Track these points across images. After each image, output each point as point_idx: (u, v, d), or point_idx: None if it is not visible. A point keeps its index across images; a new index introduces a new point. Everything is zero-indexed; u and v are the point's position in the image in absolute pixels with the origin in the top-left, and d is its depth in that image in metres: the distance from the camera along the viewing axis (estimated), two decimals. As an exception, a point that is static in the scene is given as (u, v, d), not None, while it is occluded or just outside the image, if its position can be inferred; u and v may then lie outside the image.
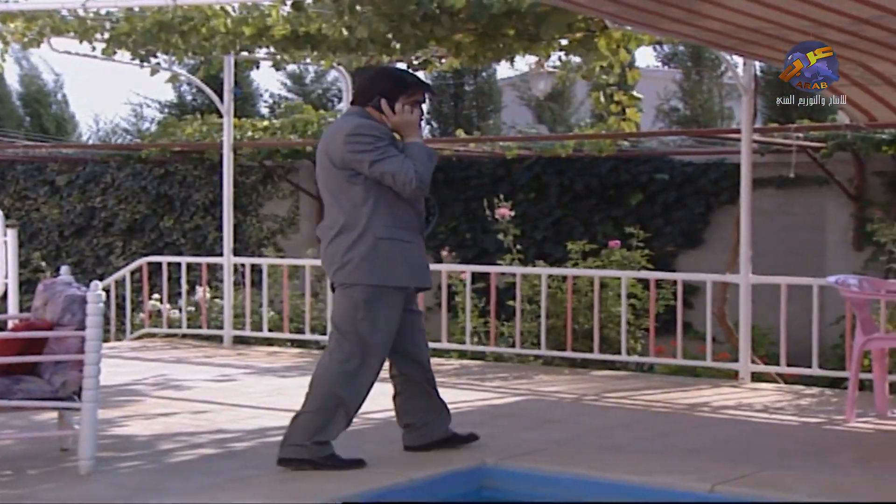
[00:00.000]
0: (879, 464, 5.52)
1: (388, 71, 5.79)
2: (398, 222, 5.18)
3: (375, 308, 5.14)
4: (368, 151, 5.08)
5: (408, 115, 5.21)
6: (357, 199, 5.14)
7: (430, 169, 5.17)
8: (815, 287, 8.04)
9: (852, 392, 6.65)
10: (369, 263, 5.13)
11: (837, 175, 11.17)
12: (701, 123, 16.07)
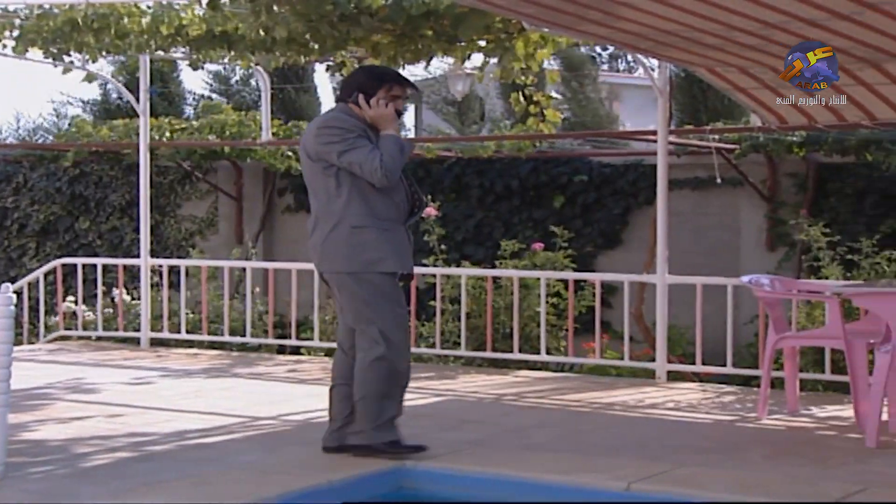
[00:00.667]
0: (790, 459, 5.62)
1: (367, 68, 5.96)
2: (373, 212, 5.30)
3: (371, 292, 5.28)
4: (336, 143, 5.25)
5: (382, 108, 5.34)
6: (332, 191, 5.31)
7: (399, 160, 5.28)
8: (730, 287, 8.17)
9: (764, 390, 6.76)
10: (350, 251, 5.28)
11: (751, 176, 11.36)
12: (589, 126, 16.25)
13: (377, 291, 5.29)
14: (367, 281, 5.28)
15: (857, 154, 10.43)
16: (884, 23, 5.71)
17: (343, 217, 5.29)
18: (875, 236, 9.66)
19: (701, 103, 14.76)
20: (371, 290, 5.28)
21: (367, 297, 5.29)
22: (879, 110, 7.51)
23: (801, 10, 5.55)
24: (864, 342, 6.42)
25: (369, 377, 5.31)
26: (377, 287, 5.29)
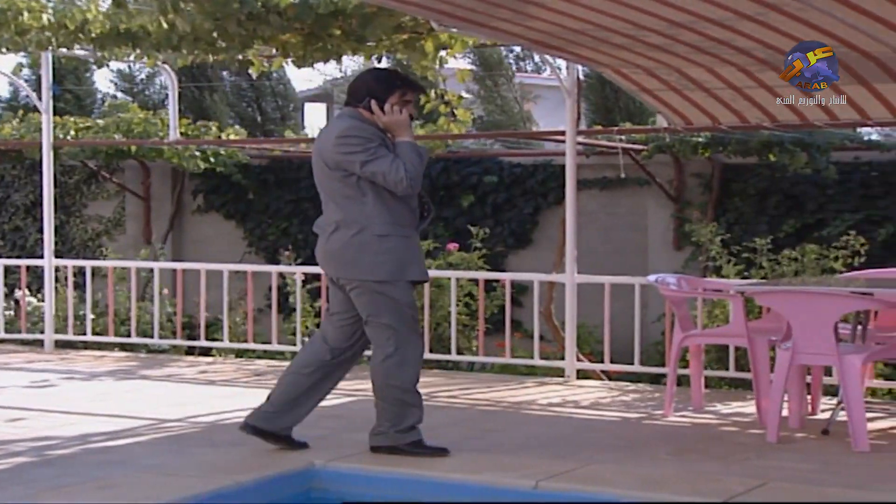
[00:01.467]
0: (694, 456, 5.72)
1: (377, 71, 5.74)
2: (394, 219, 5.30)
3: (390, 300, 5.31)
4: (359, 153, 5.21)
5: (397, 115, 5.30)
6: (354, 197, 5.29)
7: (420, 167, 5.28)
8: (637, 286, 8.27)
9: (670, 387, 6.86)
10: (376, 259, 5.28)
11: (658, 176, 11.52)
12: (501, 127, 16.34)
13: (400, 298, 5.32)
14: (393, 289, 5.30)
15: (760, 155, 10.65)
16: (786, 24, 5.83)
17: (367, 224, 5.28)
18: (777, 235, 9.87)
19: (613, 104, 14.93)
20: (395, 298, 5.31)
21: (390, 304, 5.31)
22: (780, 112, 7.67)
23: (707, 10, 5.64)
24: (766, 340, 6.56)
25: (391, 381, 5.38)
26: (402, 294, 5.33)
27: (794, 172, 10.67)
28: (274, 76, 18.25)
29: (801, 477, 5.21)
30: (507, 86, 17.41)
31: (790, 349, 6.01)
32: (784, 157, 10.39)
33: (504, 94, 17.28)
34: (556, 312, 9.17)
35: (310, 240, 13.30)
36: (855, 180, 10.91)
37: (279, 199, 13.56)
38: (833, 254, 8.74)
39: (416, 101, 5.53)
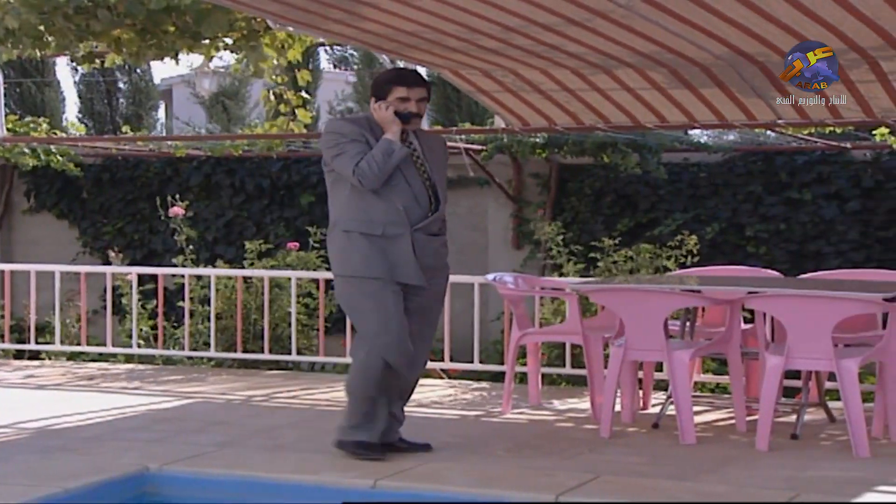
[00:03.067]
0: (530, 452, 5.80)
1: (384, 71, 5.77)
2: (366, 215, 5.31)
3: (357, 299, 5.35)
4: (331, 148, 5.35)
5: (382, 111, 5.36)
6: (334, 194, 5.43)
7: (382, 164, 5.25)
8: (476, 285, 8.35)
9: (508, 385, 6.95)
10: (340, 256, 5.38)
11: (497, 176, 11.67)
12: None
13: (363, 297, 5.32)
14: (353, 286, 5.35)
15: (595, 156, 10.89)
16: (614, 30, 5.98)
17: (338, 220, 5.39)
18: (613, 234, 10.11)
19: (455, 104, 15.06)
20: (356, 296, 5.34)
21: (351, 302, 5.39)
22: (613, 114, 7.86)
23: (539, 15, 5.74)
24: (601, 337, 6.70)
25: (354, 377, 5.44)
26: (362, 293, 5.31)
27: (627, 173, 10.96)
28: (137, 72, 17.83)
29: (631, 470, 5.33)
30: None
31: (623, 346, 6.15)
32: (617, 158, 10.66)
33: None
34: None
35: (145, 239, 13.11)
36: (684, 181, 11.27)
37: (114, 198, 13.26)
38: (666, 252, 9.00)
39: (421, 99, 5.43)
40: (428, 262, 5.46)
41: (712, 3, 5.42)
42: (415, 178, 5.41)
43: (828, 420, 6.51)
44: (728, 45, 6.18)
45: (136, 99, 18.34)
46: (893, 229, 10.37)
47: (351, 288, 5.38)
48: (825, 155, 10.84)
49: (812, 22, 5.68)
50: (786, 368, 5.83)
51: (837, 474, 5.26)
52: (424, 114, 5.60)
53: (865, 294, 5.92)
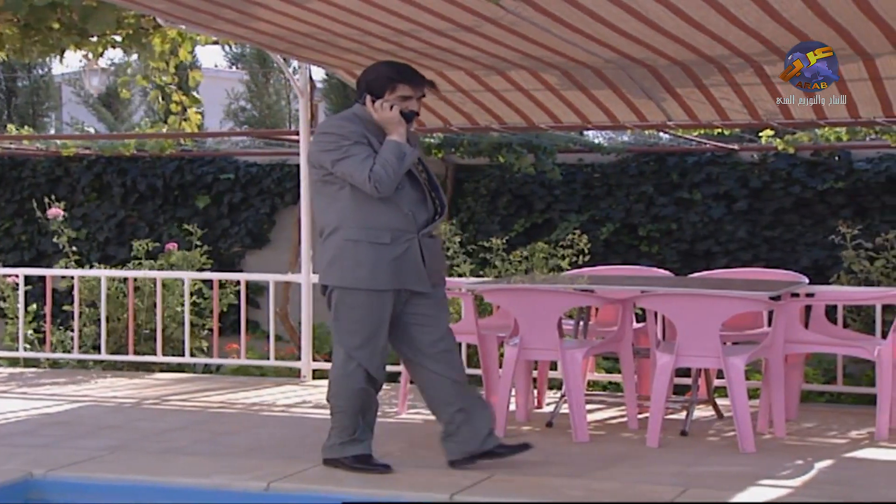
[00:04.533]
0: (425, 451, 5.79)
1: (377, 66, 5.32)
2: (373, 223, 5.03)
3: (347, 311, 5.07)
4: (332, 151, 5.00)
5: (386, 112, 5.04)
6: (330, 199, 5.07)
7: (396, 168, 4.97)
8: (373, 285, 8.32)
9: (404, 385, 6.95)
10: (337, 265, 5.06)
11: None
12: (269, 124, 16.24)
13: (354, 310, 5.06)
14: (345, 297, 5.06)
15: (491, 156, 10.96)
16: (503, 35, 6.02)
17: (338, 227, 5.06)
18: (509, 234, 10.18)
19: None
20: (346, 308, 5.07)
21: (341, 313, 5.09)
22: (507, 115, 7.91)
23: (428, 20, 5.76)
24: (495, 336, 6.74)
25: (337, 392, 5.18)
26: (362, 304, 5.05)
27: (523, 173, 11.05)
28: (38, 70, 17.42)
29: (525, 469, 5.34)
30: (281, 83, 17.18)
31: (517, 345, 6.20)
32: (512, 158, 10.74)
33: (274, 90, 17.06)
34: (292, 313, 9.13)
35: (34, 240, 12.81)
36: (579, 181, 11.40)
37: (1, 198, 12.95)
38: (560, 252, 9.09)
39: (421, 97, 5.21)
40: (434, 267, 5.24)
41: (598, 11, 5.50)
42: (416, 181, 5.15)
43: (716, 416, 6.64)
44: (616, 50, 6.28)
45: (36, 97, 17.91)
46: (779, 229, 10.63)
47: (351, 299, 5.07)
48: (714, 156, 11.06)
49: (698, 31, 5.81)
50: (676, 366, 5.94)
51: (724, 469, 5.38)
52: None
53: (752, 293, 6.06)
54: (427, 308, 5.21)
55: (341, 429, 5.22)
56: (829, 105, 7.04)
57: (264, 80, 16.92)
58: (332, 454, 5.26)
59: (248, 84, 17.37)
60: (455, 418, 5.26)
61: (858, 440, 6.08)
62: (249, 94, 17.29)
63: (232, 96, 17.37)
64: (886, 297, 6.76)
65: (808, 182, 10.53)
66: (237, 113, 17.47)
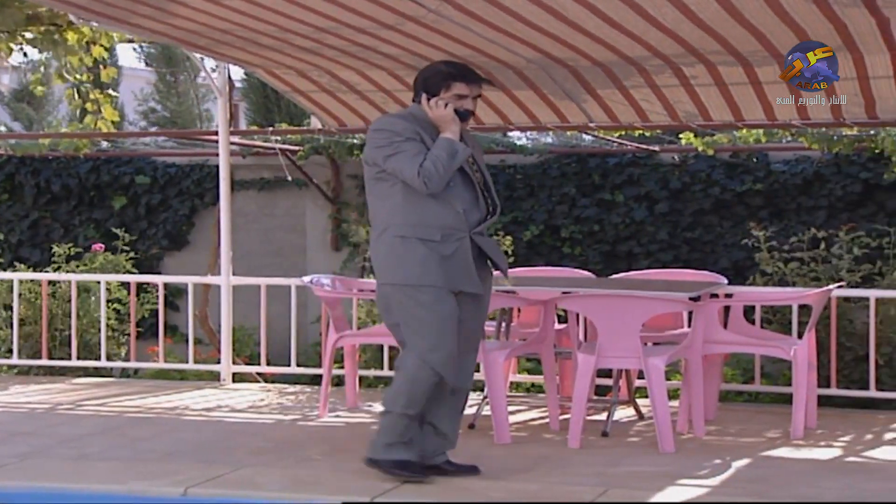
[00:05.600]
0: (346, 455, 5.74)
1: (434, 65, 5.24)
2: (423, 220, 4.95)
3: (411, 309, 4.95)
4: (384, 147, 4.96)
5: (440, 109, 4.99)
6: (382, 197, 5.02)
7: (447, 165, 4.90)
8: (293, 287, 8.25)
9: (325, 388, 6.90)
10: (394, 263, 4.98)
11: (315, 178, 11.59)
12: (179, 125, 16.03)
13: (417, 307, 4.93)
14: (405, 295, 4.95)
15: (414, 157, 10.92)
16: (424, 34, 6.00)
17: (389, 225, 5.00)
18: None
19: (274, 104, 14.89)
20: (407, 307, 4.95)
21: (404, 311, 4.97)
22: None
23: (349, 17, 5.71)
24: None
25: (399, 392, 5.00)
26: (417, 303, 4.93)
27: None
28: None
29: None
30: (190, 83, 16.97)
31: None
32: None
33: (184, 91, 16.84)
34: (212, 315, 9.02)
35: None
36: (501, 182, 11.41)
37: None
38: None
39: (477, 96, 5.10)
40: (484, 268, 5.14)
41: (520, 11, 5.50)
42: (468, 180, 5.06)
43: (637, 417, 6.68)
44: (538, 49, 6.29)
45: None
46: (699, 230, 10.75)
47: (404, 297, 4.96)
48: (636, 157, 11.15)
49: (618, 32, 5.84)
50: (597, 367, 5.96)
51: (644, 469, 5.40)
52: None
53: (672, 294, 6.10)
54: (470, 313, 5.11)
55: (389, 429, 5.05)
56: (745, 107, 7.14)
57: (173, 80, 16.68)
58: (375, 454, 5.10)
59: (156, 84, 17.10)
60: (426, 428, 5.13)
61: (775, 439, 6.16)
62: (160, 95, 17.03)
63: (140, 97, 17.10)
64: (802, 297, 6.85)
65: (727, 184, 10.66)
66: (147, 113, 17.19)
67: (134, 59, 19.80)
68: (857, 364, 7.77)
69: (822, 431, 6.33)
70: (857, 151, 10.00)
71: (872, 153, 9.81)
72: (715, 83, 6.82)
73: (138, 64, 18.60)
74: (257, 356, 8.81)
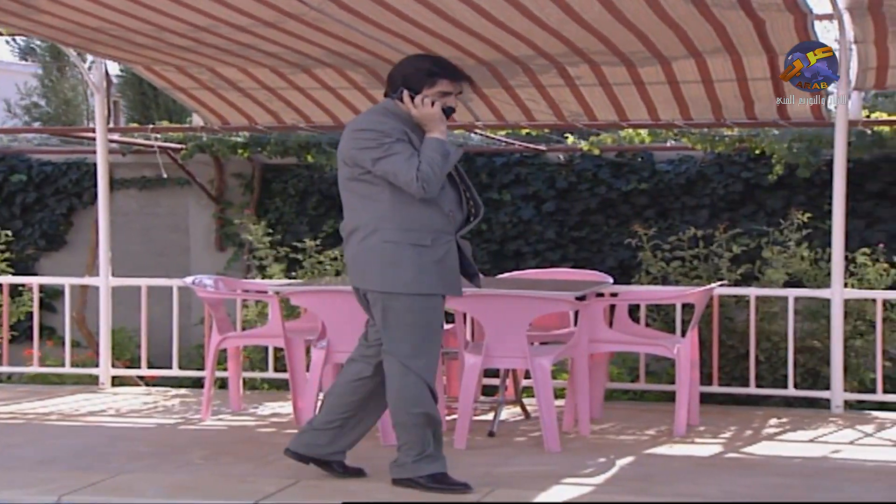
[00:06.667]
0: (229, 459, 5.66)
1: (414, 59, 5.00)
2: (414, 224, 4.76)
3: (395, 317, 4.79)
4: (372, 148, 4.69)
5: (427, 108, 4.74)
6: (370, 197, 4.77)
7: (441, 167, 4.70)
8: (175, 288, 8.08)
9: (208, 391, 6.77)
10: (377, 268, 4.78)
11: (199, 176, 11.38)
12: (65, 122, 15.59)
13: (408, 314, 4.77)
14: (394, 302, 4.77)
15: (299, 156, 10.81)
16: (306, 32, 5.92)
17: (377, 228, 4.76)
18: (319, 235, 10.04)
19: (152, 101, 14.57)
20: (403, 312, 4.77)
21: (399, 318, 4.78)
22: (314, 114, 7.80)
23: (228, 15, 5.60)
24: (303, 339, 6.62)
25: (401, 405, 4.84)
26: (409, 310, 4.77)
27: (332, 173, 10.91)
28: None
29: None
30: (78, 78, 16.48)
31: (325, 348, 6.09)
32: (322, 158, 10.61)
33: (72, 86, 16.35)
34: (90, 317, 8.78)
35: None
36: (389, 182, 11.34)
37: None
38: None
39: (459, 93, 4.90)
40: (469, 271, 5.00)
41: (405, 10, 5.46)
42: (453, 180, 4.90)
43: (524, 416, 6.69)
44: (423, 48, 6.25)
45: None
46: (586, 229, 10.83)
47: (398, 304, 4.78)
48: (523, 157, 11.19)
49: (503, 31, 5.83)
50: (484, 367, 5.94)
51: (530, 469, 5.40)
52: None
53: (558, 293, 6.11)
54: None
55: (410, 445, 4.89)
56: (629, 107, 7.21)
57: (59, 75, 16.22)
58: (404, 473, 4.92)
59: (41, 79, 16.60)
60: (347, 422, 5.09)
61: (658, 437, 6.22)
62: (44, 90, 16.54)
63: (23, 91, 16.58)
64: (685, 296, 6.93)
65: (613, 183, 10.76)
66: (30, 109, 16.67)
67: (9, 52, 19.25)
68: (738, 361, 7.91)
69: (704, 428, 6.41)
70: (739, 151, 10.19)
71: (753, 153, 10.00)
72: (599, 83, 6.87)
73: (13, 58, 18.06)
74: (138, 359, 8.60)
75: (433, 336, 4.87)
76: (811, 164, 9.46)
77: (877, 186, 9.90)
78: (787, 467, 5.53)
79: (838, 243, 6.82)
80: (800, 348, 7.60)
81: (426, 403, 4.85)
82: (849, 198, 6.94)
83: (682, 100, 7.08)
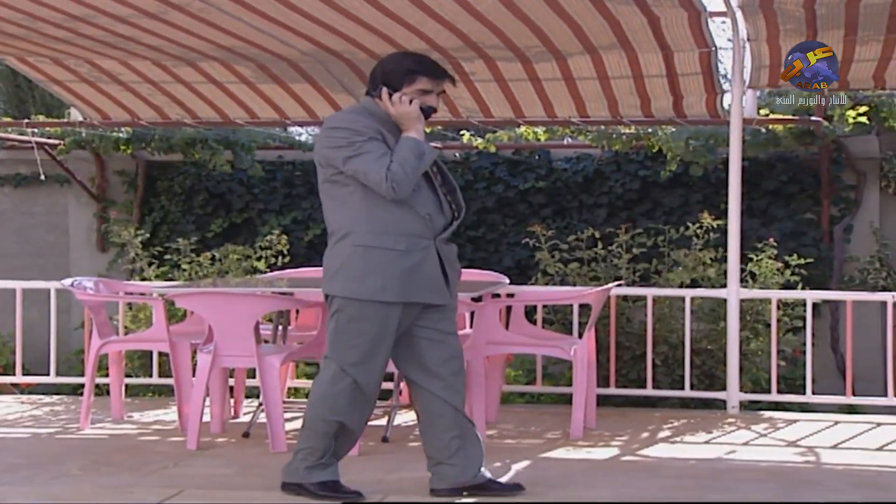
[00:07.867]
0: (109, 469, 5.43)
1: (393, 57, 4.79)
2: (387, 228, 4.55)
3: (349, 323, 4.60)
4: (343, 147, 4.52)
5: (405, 106, 4.57)
6: (341, 201, 4.61)
7: (415, 167, 4.50)
8: (53, 290, 7.75)
9: (87, 398, 6.50)
10: (344, 273, 4.60)
11: (79, 174, 10.99)
12: None
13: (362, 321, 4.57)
14: (350, 308, 4.58)
15: (185, 152, 10.49)
16: (191, 23, 5.69)
17: (349, 232, 4.58)
18: (206, 235, 9.75)
19: (28, 94, 14.05)
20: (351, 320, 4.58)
21: (343, 325, 4.60)
22: (200, 109, 7.55)
23: (107, 5, 5.35)
24: (189, 343, 6.38)
25: (320, 410, 4.69)
26: (363, 317, 4.57)
27: (220, 171, 10.62)
28: None
29: (219, 482, 5.11)
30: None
31: (211, 352, 5.88)
32: (207, 155, 10.31)
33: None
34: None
35: None
36: (279, 179, 11.08)
37: None
38: (257, 254, 8.77)
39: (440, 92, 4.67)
40: (452, 277, 4.74)
41: (293, 1, 5.26)
42: (430, 182, 4.69)
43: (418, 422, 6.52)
44: (314, 42, 6.06)
45: None
46: (483, 228, 10.72)
47: (355, 311, 4.58)
48: (417, 155, 11.03)
49: (395, 23, 5.67)
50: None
51: (424, 475, 5.20)
52: None
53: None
54: (440, 323, 4.74)
55: (309, 451, 4.73)
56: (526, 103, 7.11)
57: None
58: (295, 478, 4.76)
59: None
60: (451, 445, 4.80)
61: (555, 440, 6.14)
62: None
63: None
64: (582, 296, 6.85)
65: (510, 181, 10.67)
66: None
67: None
68: (635, 363, 7.86)
69: (600, 431, 6.35)
70: (635, 149, 10.18)
71: (650, 151, 9.99)
72: (495, 79, 6.76)
73: None
74: (13, 366, 8.23)
75: (383, 345, 4.67)
76: (708, 161, 9.49)
77: (772, 185, 9.98)
78: (682, 469, 5.51)
79: (734, 242, 6.81)
80: (696, 349, 7.58)
81: (346, 413, 4.70)
82: (744, 196, 6.93)
83: (579, 97, 7.01)
